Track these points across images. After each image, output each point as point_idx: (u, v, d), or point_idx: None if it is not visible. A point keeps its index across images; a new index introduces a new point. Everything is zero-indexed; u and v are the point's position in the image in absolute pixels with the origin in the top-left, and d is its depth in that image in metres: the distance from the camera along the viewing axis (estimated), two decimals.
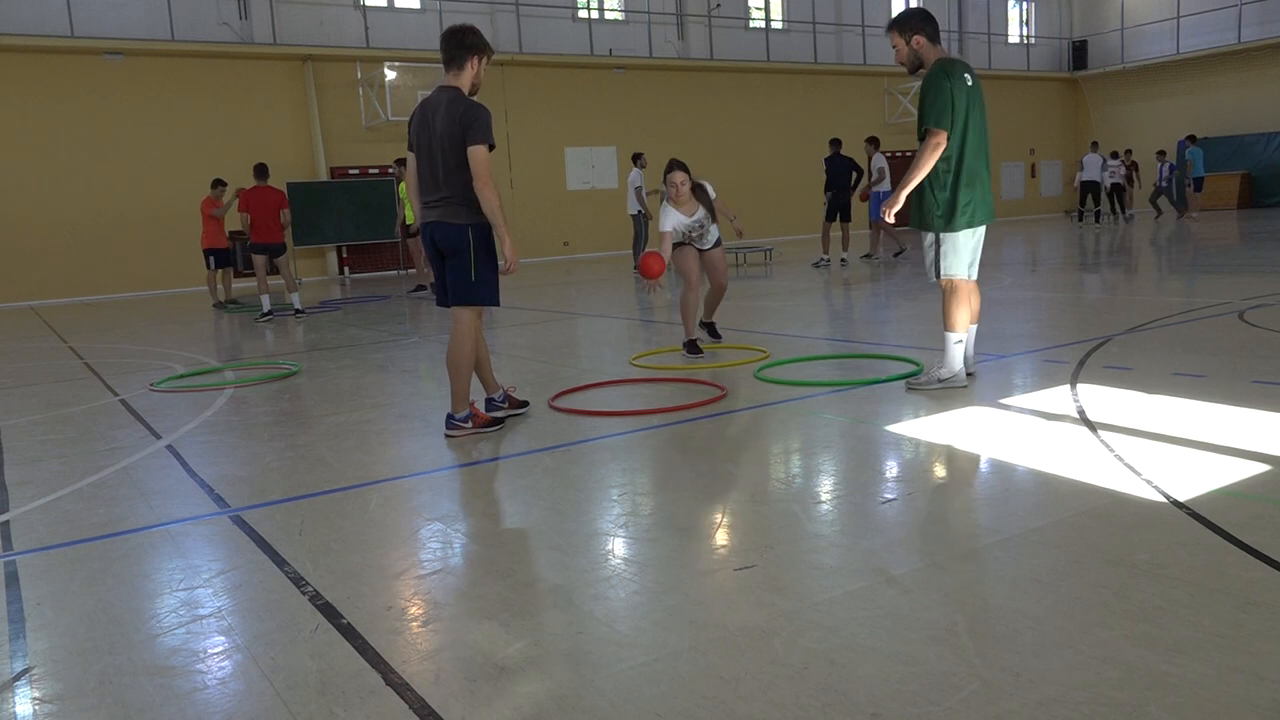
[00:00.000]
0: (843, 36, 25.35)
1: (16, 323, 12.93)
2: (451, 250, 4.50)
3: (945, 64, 4.87)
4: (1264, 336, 6.08)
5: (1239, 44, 25.22)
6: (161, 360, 8.13)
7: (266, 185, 11.35)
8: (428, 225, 4.54)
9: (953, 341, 4.98)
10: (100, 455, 4.69)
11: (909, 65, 5.06)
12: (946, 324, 5.01)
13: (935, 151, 4.76)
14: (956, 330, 4.98)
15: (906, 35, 5.00)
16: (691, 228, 6.69)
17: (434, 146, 4.42)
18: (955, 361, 4.99)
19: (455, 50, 4.47)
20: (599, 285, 13.80)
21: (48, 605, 2.80)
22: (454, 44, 4.48)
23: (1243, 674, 2.00)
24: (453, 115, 4.36)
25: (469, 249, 4.47)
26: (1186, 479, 3.30)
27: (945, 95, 4.77)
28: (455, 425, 4.64)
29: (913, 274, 12.37)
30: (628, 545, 3.04)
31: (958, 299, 4.97)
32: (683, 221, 6.66)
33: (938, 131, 4.75)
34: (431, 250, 4.60)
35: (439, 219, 4.48)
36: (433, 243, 4.55)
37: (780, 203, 23.35)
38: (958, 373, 5.00)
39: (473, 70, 4.50)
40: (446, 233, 4.48)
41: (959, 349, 5.00)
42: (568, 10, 21.34)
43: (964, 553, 2.81)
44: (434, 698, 2.11)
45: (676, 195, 6.54)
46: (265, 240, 11.35)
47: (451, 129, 4.36)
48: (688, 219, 6.66)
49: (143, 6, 16.97)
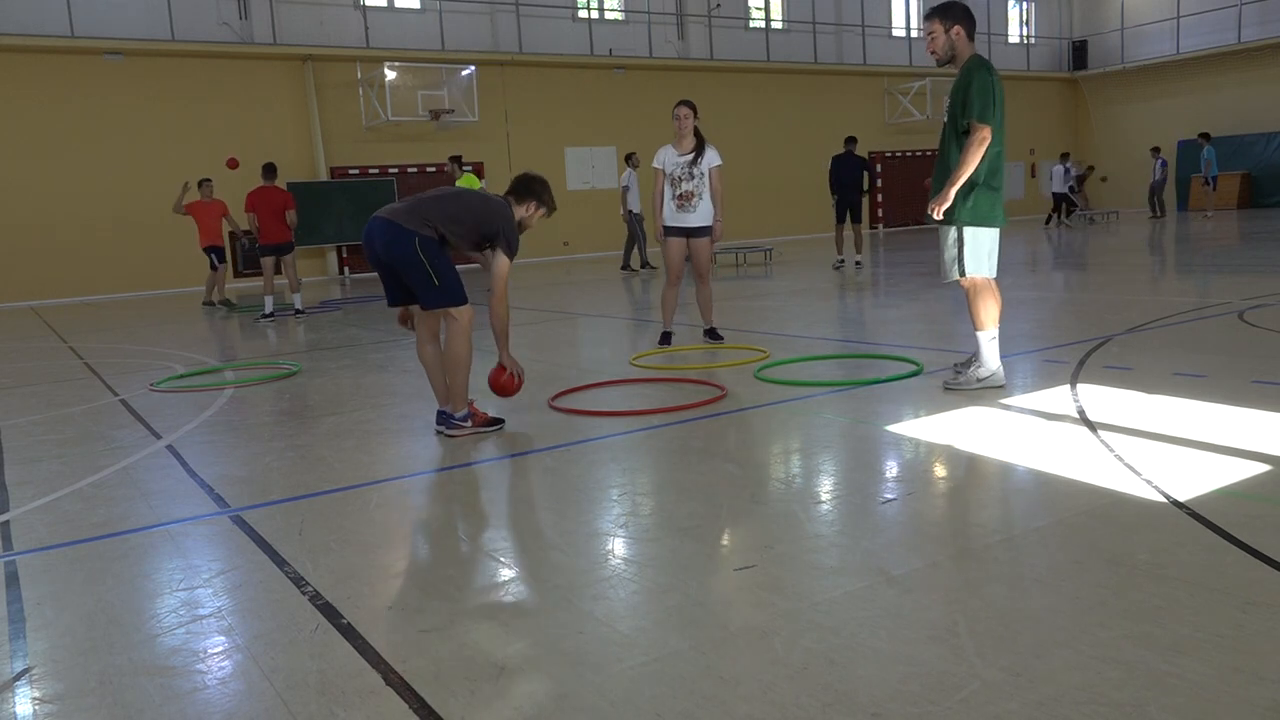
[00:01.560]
0: (843, 36, 25.34)
1: (16, 323, 12.93)
2: (399, 260, 4.41)
3: (984, 60, 4.85)
4: (1264, 336, 6.08)
5: (1239, 44, 25.21)
6: (161, 360, 8.13)
7: (272, 185, 11.31)
8: (374, 220, 4.48)
9: (985, 340, 4.93)
10: (100, 455, 4.69)
11: (942, 56, 4.95)
12: (976, 323, 4.96)
13: (982, 146, 4.68)
14: (988, 328, 4.93)
15: (948, 24, 4.90)
16: (678, 165, 6.75)
17: (441, 197, 4.57)
18: (992, 360, 4.95)
19: (528, 191, 4.74)
20: (599, 285, 13.80)
21: (48, 605, 2.80)
22: (531, 186, 4.75)
23: (1243, 674, 2.00)
24: (491, 208, 4.60)
25: (420, 259, 4.40)
26: (1186, 479, 3.29)
27: (990, 90, 4.74)
28: (455, 425, 4.64)
29: (913, 274, 12.37)
30: (628, 545, 3.04)
31: (983, 297, 4.93)
32: (673, 157, 6.78)
33: (984, 126, 4.69)
34: (370, 251, 4.52)
35: (388, 216, 4.43)
36: (369, 242, 4.49)
37: (780, 203, 23.35)
38: (995, 371, 4.94)
39: (527, 212, 4.76)
40: (390, 234, 4.39)
41: (993, 346, 4.94)
42: (568, 10, 21.34)
43: (964, 553, 2.81)
44: (434, 698, 2.11)
45: (679, 127, 6.71)
46: (271, 240, 11.33)
47: (487, 214, 4.57)
48: (677, 155, 6.77)
49: (143, 6, 16.97)
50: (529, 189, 4.75)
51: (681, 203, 6.76)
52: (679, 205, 6.78)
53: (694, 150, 6.74)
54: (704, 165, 6.75)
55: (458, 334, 4.57)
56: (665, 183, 6.79)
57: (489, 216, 4.58)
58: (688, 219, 6.81)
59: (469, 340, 4.61)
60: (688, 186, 6.74)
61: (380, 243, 4.44)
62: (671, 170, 6.76)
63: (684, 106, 6.76)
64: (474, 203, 4.63)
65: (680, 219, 6.82)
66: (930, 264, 13.65)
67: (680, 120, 6.72)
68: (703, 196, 6.78)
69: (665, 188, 6.79)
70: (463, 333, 4.57)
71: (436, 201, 4.54)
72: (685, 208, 6.78)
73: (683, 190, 6.74)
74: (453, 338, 4.59)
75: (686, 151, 6.73)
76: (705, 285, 7.09)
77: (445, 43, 19.70)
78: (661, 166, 6.80)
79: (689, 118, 6.71)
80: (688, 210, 6.78)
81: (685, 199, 6.75)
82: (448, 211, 4.51)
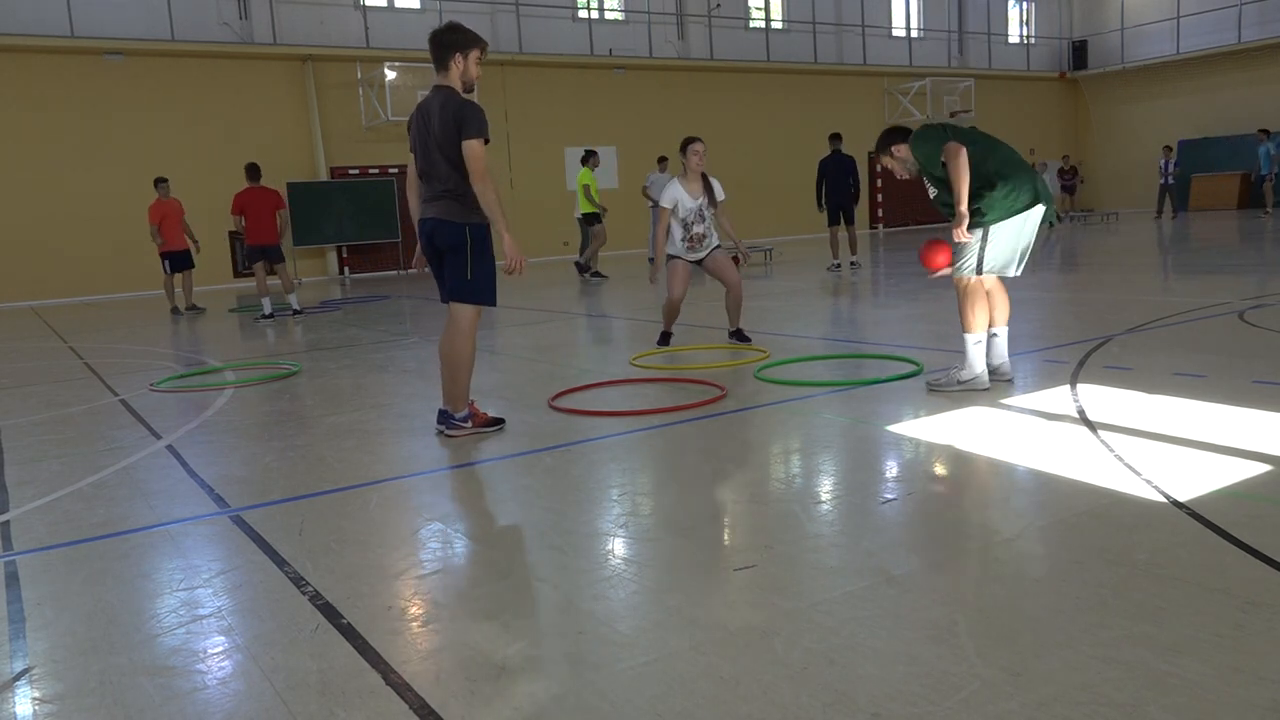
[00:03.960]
0: (843, 36, 25.34)
1: (16, 323, 12.93)
2: (448, 247, 4.49)
3: (917, 130, 5.04)
4: (1264, 336, 6.08)
5: (1239, 44, 25.21)
6: (161, 360, 8.13)
7: (260, 186, 11.24)
8: (425, 221, 4.52)
9: (971, 343, 4.93)
10: (100, 455, 4.69)
11: (909, 173, 5.13)
12: (964, 325, 4.96)
13: (959, 156, 4.69)
14: (975, 331, 4.93)
15: (888, 151, 5.11)
16: (691, 211, 6.77)
17: (430, 146, 4.42)
18: (976, 364, 4.95)
19: (438, 51, 4.45)
20: (599, 285, 13.79)
21: (48, 605, 2.80)
22: (436, 45, 4.46)
23: (1243, 674, 2.00)
24: (446, 115, 4.35)
25: (465, 247, 4.46)
26: (1186, 479, 3.29)
27: (931, 139, 4.87)
28: (456, 425, 4.63)
29: (913, 275, 12.37)
30: (628, 545, 3.04)
31: (974, 299, 4.94)
32: (686, 202, 6.77)
33: (949, 144, 4.74)
34: (429, 248, 4.58)
35: (436, 215, 4.47)
36: (430, 240, 4.55)
37: (780, 203, 23.33)
38: (979, 375, 4.93)
39: (459, 68, 4.45)
40: (444, 230, 4.47)
41: (979, 350, 4.94)
42: (568, 10, 21.34)
43: (964, 553, 2.81)
44: (434, 698, 2.11)
45: (698, 164, 6.74)
46: (261, 242, 11.25)
47: (446, 128, 4.35)
48: (690, 201, 6.78)
49: (143, 6, 16.96)
50: (440, 44, 4.41)
51: (693, 244, 6.86)
52: (690, 247, 6.87)
53: (704, 192, 6.80)
54: (713, 205, 6.85)
55: (461, 334, 4.56)
56: (675, 224, 6.83)
57: (449, 116, 4.32)
58: (699, 254, 6.93)
59: (472, 340, 4.60)
60: (699, 229, 6.84)
61: (437, 238, 4.49)
62: (684, 215, 6.80)
63: (700, 144, 6.81)
64: (442, 124, 4.34)
65: (693, 255, 6.92)
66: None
67: (698, 157, 6.76)
68: (713, 233, 6.94)
69: (675, 229, 6.84)
70: (465, 333, 4.56)
71: (444, 165, 4.38)
72: (697, 249, 6.89)
73: (695, 233, 6.83)
74: (456, 337, 4.57)
75: (698, 196, 6.78)
76: (737, 291, 7.05)
77: None
78: (672, 208, 6.80)
79: (703, 156, 6.77)
80: (699, 250, 6.90)
81: (697, 240, 6.86)
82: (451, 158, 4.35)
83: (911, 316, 8.40)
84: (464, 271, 4.48)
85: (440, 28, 4.51)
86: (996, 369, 5.11)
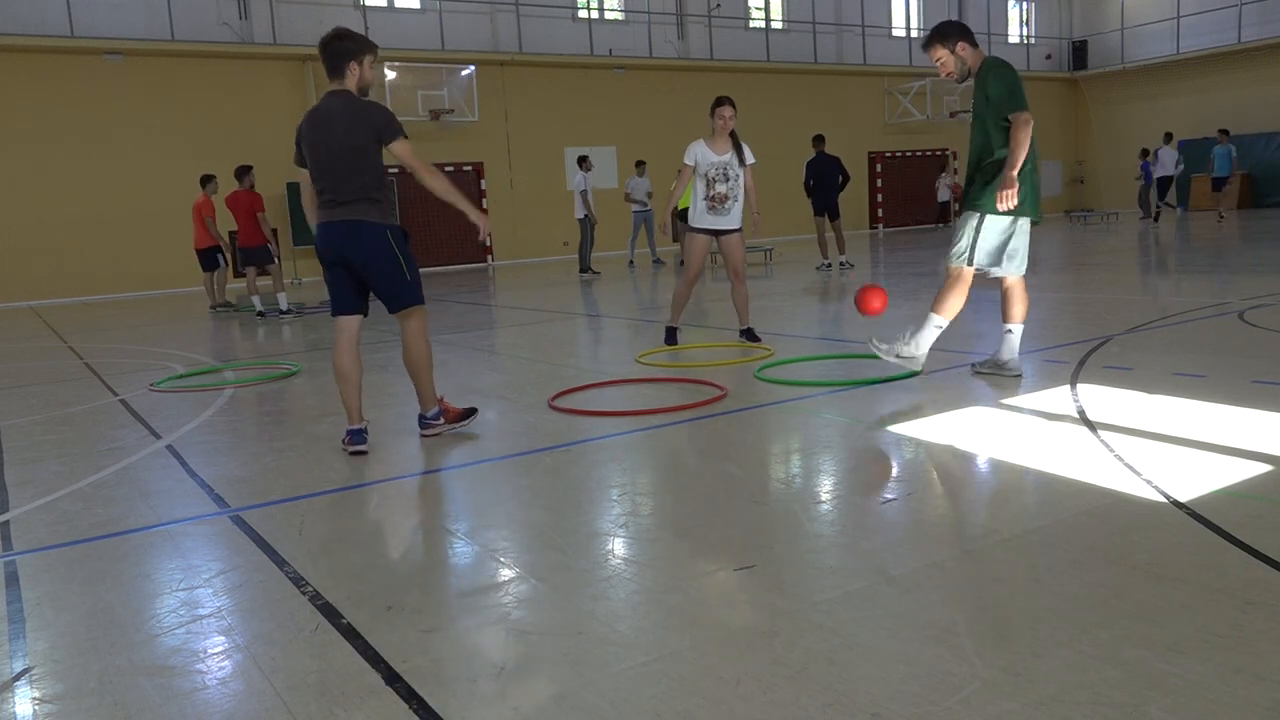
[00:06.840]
0: (843, 36, 25.34)
1: (16, 323, 12.93)
2: (371, 252, 4.27)
3: (998, 58, 4.87)
4: (1264, 336, 6.07)
5: (1239, 44, 25.21)
6: (161, 360, 8.12)
7: (241, 189, 11.31)
8: (335, 225, 4.25)
9: (931, 325, 5.02)
10: (100, 455, 4.69)
11: (959, 76, 4.96)
12: (935, 305, 5.05)
13: (1028, 127, 4.63)
14: (941, 314, 5.02)
15: (950, 44, 4.90)
16: (715, 166, 6.53)
17: (333, 153, 4.24)
18: (924, 343, 5.03)
19: (333, 59, 4.30)
20: (598, 285, 13.79)
21: (48, 605, 2.80)
22: (330, 54, 4.30)
23: (1243, 674, 2.00)
24: (352, 119, 4.22)
25: (392, 249, 4.31)
26: (1186, 479, 3.29)
27: (1014, 81, 4.75)
28: (428, 424, 4.65)
29: (914, 275, 12.37)
30: (628, 545, 3.04)
31: (957, 288, 5.01)
32: (709, 157, 6.55)
33: (1023, 112, 4.67)
34: (335, 255, 4.30)
35: (350, 217, 4.24)
36: (340, 246, 4.27)
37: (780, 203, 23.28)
38: (918, 356, 5.03)
39: (355, 74, 4.34)
40: (363, 231, 4.24)
41: (934, 334, 5.03)
42: (568, 10, 21.34)
43: (964, 553, 2.81)
44: (434, 698, 2.11)
45: (724, 126, 6.53)
46: (244, 244, 11.42)
47: (353, 133, 4.22)
48: (715, 156, 6.55)
49: (143, 6, 16.97)
50: (334, 54, 4.28)
51: (714, 204, 6.58)
52: (711, 207, 6.59)
53: (732, 150, 6.56)
54: (742, 164, 6.59)
55: (418, 332, 4.50)
56: (698, 181, 6.57)
57: (357, 120, 4.23)
58: (719, 221, 6.64)
59: (427, 340, 4.57)
60: (722, 188, 6.55)
61: (350, 245, 4.27)
62: (706, 170, 6.54)
63: (729, 107, 6.55)
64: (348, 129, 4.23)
65: (712, 221, 6.63)
66: (930, 264, 13.65)
67: (725, 120, 6.51)
68: (737, 199, 6.63)
69: (698, 185, 6.57)
70: (421, 331, 4.52)
71: (350, 172, 4.24)
72: (718, 210, 6.60)
73: (716, 191, 6.55)
74: (414, 336, 4.50)
75: (723, 152, 6.54)
76: (741, 285, 6.90)
77: (445, 42, 19.70)
78: (694, 164, 6.56)
79: (733, 119, 6.51)
80: (720, 213, 6.61)
81: (719, 200, 6.57)
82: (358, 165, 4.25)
83: (911, 317, 8.37)
84: (400, 274, 4.35)
85: (330, 34, 4.35)
86: (1006, 364, 5.17)
